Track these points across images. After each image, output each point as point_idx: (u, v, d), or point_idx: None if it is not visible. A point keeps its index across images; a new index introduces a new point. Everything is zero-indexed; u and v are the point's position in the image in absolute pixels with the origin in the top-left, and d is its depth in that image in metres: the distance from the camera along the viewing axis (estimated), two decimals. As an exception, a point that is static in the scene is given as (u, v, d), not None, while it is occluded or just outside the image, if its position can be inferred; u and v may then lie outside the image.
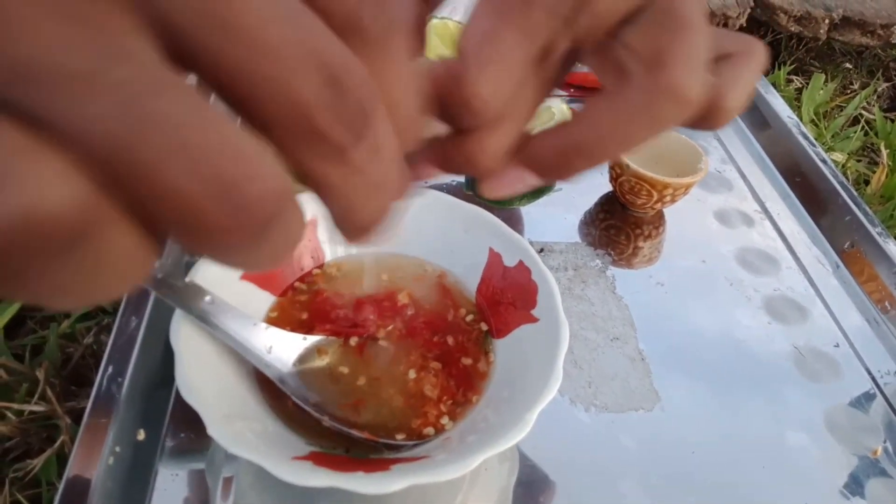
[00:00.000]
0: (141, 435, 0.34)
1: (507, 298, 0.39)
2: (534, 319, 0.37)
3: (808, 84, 0.80)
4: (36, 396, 0.36)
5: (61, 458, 0.32)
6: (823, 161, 0.60)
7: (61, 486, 0.30)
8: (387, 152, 0.13)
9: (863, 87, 0.86)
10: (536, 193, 0.53)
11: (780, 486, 0.39)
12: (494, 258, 0.40)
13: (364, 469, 0.29)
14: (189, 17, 0.10)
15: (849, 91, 0.86)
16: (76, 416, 0.32)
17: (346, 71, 0.11)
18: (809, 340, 0.47)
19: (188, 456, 0.35)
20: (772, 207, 0.59)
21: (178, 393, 0.38)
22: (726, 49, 0.20)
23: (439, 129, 0.19)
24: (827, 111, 0.80)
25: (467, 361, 0.38)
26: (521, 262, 0.39)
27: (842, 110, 0.81)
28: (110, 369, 0.35)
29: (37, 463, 0.34)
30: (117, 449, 0.32)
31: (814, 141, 0.63)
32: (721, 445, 0.40)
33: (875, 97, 0.85)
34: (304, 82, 0.11)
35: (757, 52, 0.21)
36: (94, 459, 0.31)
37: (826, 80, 0.82)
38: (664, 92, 0.17)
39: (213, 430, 0.28)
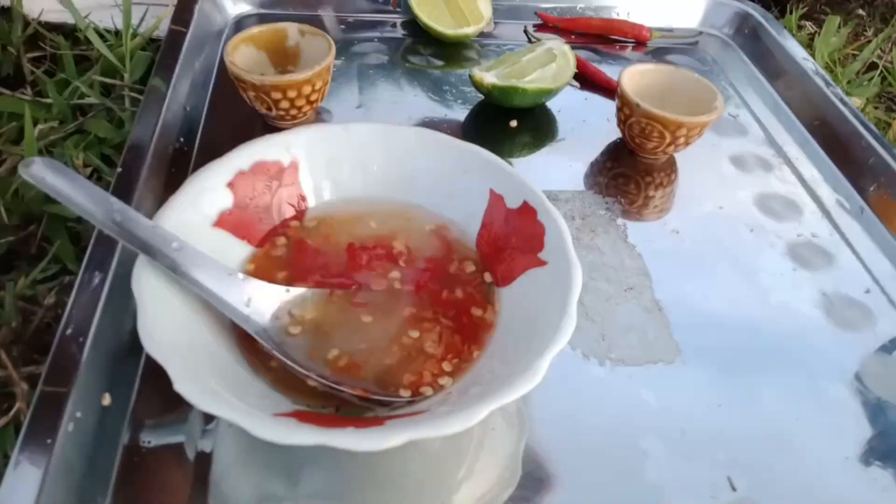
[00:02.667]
0: (106, 400, 0.31)
1: (511, 243, 0.36)
2: (541, 263, 0.33)
3: (820, 30, 0.76)
4: (-10, 361, 0.32)
5: (19, 428, 0.29)
6: (844, 103, 0.56)
7: (14, 454, 0.27)
8: None
9: (876, 34, 0.82)
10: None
11: (815, 438, 0.35)
12: (496, 201, 0.37)
13: (355, 425, 0.26)
14: None
15: (862, 38, 0.81)
16: (35, 383, 0.29)
17: None
18: (838, 287, 0.44)
19: (161, 425, 0.32)
20: (790, 152, 0.55)
21: (148, 356, 0.34)
22: None
23: None
24: (841, 58, 0.76)
25: (470, 314, 0.34)
26: (525, 203, 0.35)
27: (856, 57, 0.77)
28: (70, 328, 0.31)
29: (-10, 432, 0.30)
30: (78, 414, 0.29)
31: (832, 82, 0.59)
32: (750, 399, 0.37)
33: (890, 44, 0.81)
34: None
35: None
36: (53, 426, 0.28)
37: (839, 26, 0.77)
38: None
39: (180, 385, 0.25)
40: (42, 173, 0.28)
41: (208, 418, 0.32)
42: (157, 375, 0.33)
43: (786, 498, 0.33)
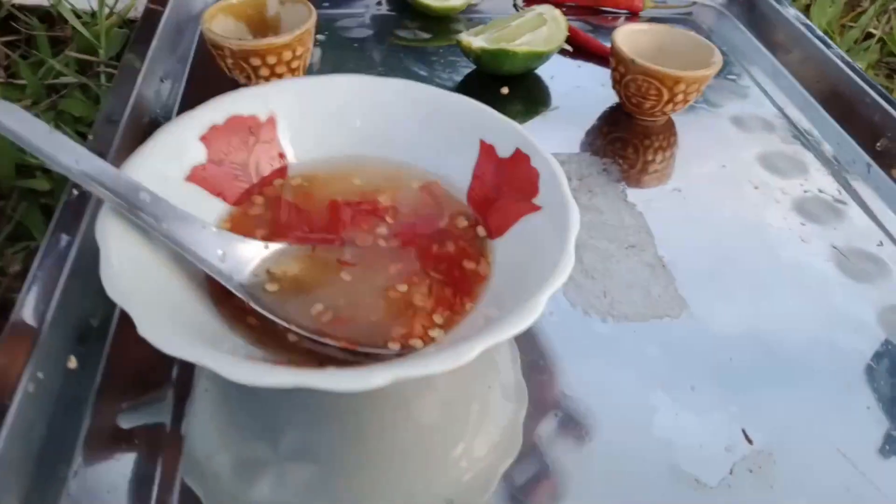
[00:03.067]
0: (72, 363, 0.29)
1: (503, 193, 0.34)
2: (536, 208, 0.31)
3: (814, 0, 0.75)
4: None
5: (-19, 398, 0.26)
6: (845, 62, 0.55)
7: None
8: None
9: (872, 4, 0.80)
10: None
11: (835, 392, 0.33)
12: (487, 151, 0.35)
13: (337, 366, 0.23)
14: None
15: (858, 9, 0.80)
16: None
17: None
18: (850, 241, 0.42)
19: (132, 390, 0.30)
20: (792, 114, 0.53)
21: (120, 322, 0.32)
22: None
23: None
24: (838, 28, 0.75)
25: (462, 268, 0.32)
26: (517, 151, 0.33)
27: (852, 28, 0.75)
28: (34, 289, 0.29)
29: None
30: (40, 375, 0.27)
31: (831, 43, 0.57)
32: (762, 351, 0.34)
33: (887, 14, 0.79)
34: None
35: None
36: (10, 386, 0.26)
37: (834, -3, 0.76)
38: None
39: (145, 329, 0.23)
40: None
41: (182, 385, 0.30)
42: (127, 342, 0.31)
43: (804, 450, 0.30)
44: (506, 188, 0.34)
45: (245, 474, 0.27)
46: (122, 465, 0.27)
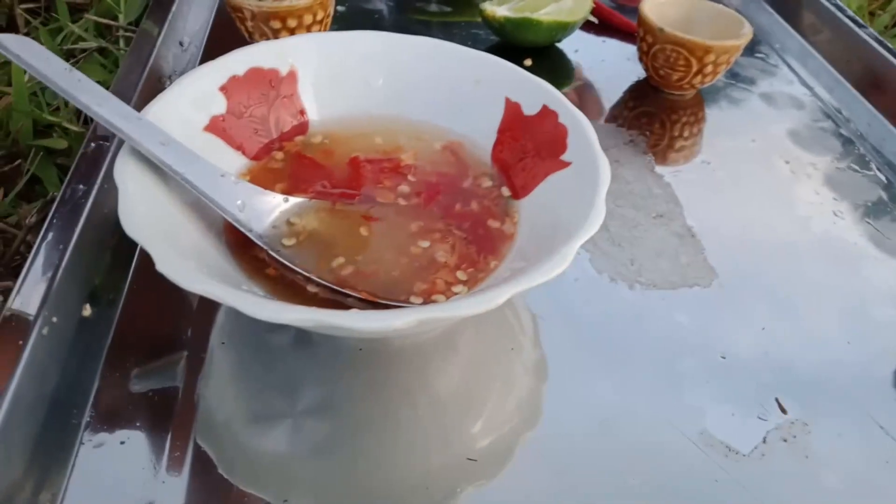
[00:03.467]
0: (87, 311, 0.28)
1: (529, 151, 0.33)
2: (565, 165, 0.30)
3: (844, -14, 0.73)
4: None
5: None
6: (877, 40, 0.53)
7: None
8: None
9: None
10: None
11: (868, 363, 0.32)
12: (512, 109, 0.34)
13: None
14: None
15: (887, -2, 0.78)
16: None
17: None
18: (884, 217, 0.40)
19: (147, 341, 0.29)
20: (821, 93, 0.52)
21: (135, 274, 0.31)
22: None
23: None
24: (867, 13, 0.73)
25: (486, 226, 0.31)
26: (544, 108, 0.32)
27: (882, 15, 0.73)
28: (50, 236, 0.29)
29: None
30: (54, 319, 0.26)
31: (862, 22, 0.56)
32: (795, 322, 0.33)
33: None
34: None
35: None
36: (24, 329, 0.25)
37: (864, -18, 0.74)
38: None
39: (164, 265, 0.22)
40: (17, 49, 0.25)
41: (196, 339, 0.29)
42: (143, 290, 0.31)
43: (840, 420, 0.29)
44: (532, 146, 0.33)
45: (259, 429, 0.27)
46: (136, 417, 0.26)
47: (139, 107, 0.28)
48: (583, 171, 0.29)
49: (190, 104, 0.30)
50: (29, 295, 0.26)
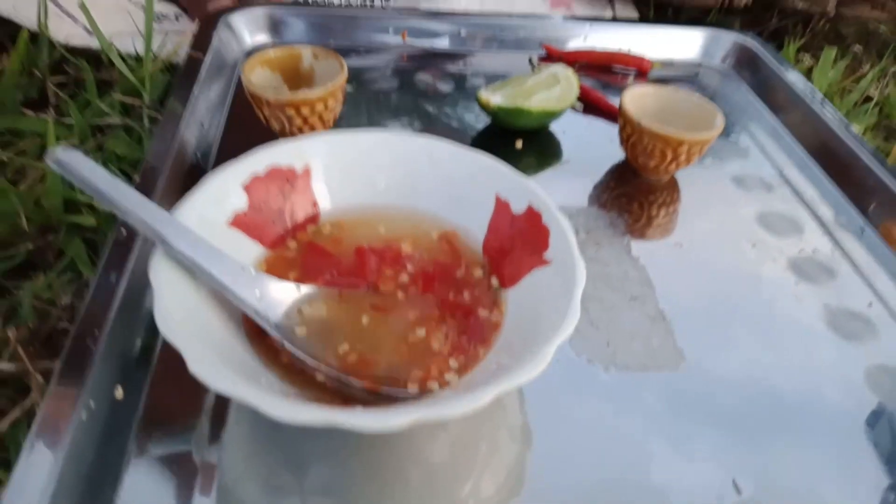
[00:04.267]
0: (119, 393, 0.31)
1: (516, 246, 0.36)
2: (546, 262, 0.34)
3: (817, 63, 0.78)
4: (7, 356, 0.33)
5: (33, 420, 0.29)
6: (843, 125, 0.58)
7: (29, 437, 0.27)
8: None
9: (872, 69, 0.84)
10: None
11: (823, 446, 0.35)
12: (501, 206, 0.38)
13: (364, 405, 0.26)
14: None
15: (858, 72, 0.84)
16: (51, 379, 0.29)
17: None
18: (841, 300, 0.44)
19: (171, 419, 0.32)
20: (790, 174, 0.56)
21: (161, 354, 0.35)
22: None
23: None
24: (839, 91, 0.78)
25: (477, 315, 0.34)
26: (530, 208, 0.36)
27: (852, 91, 0.79)
28: (87, 322, 0.32)
29: (4, 423, 0.31)
30: (91, 404, 0.29)
31: (832, 106, 0.60)
32: (755, 405, 0.37)
33: (886, 78, 0.83)
34: None
35: None
36: (66, 414, 0.28)
37: (836, 59, 0.80)
38: None
39: (195, 367, 0.25)
40: (67, 160, 0.29)
41: (217, 414, 0.32)
42: (168, 372, 0.34)
43: (791, 499, 0.33)
44: (518, 241, 0.36)
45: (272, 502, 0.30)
46: (162, 490, 0.29)
47: (167, 189, 0.32)
48: (561, 272, 0.33)
49: (215, 202, 0.34)
50: (68, 383, 0.29)
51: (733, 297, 0.43)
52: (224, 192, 0.35)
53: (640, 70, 0.68)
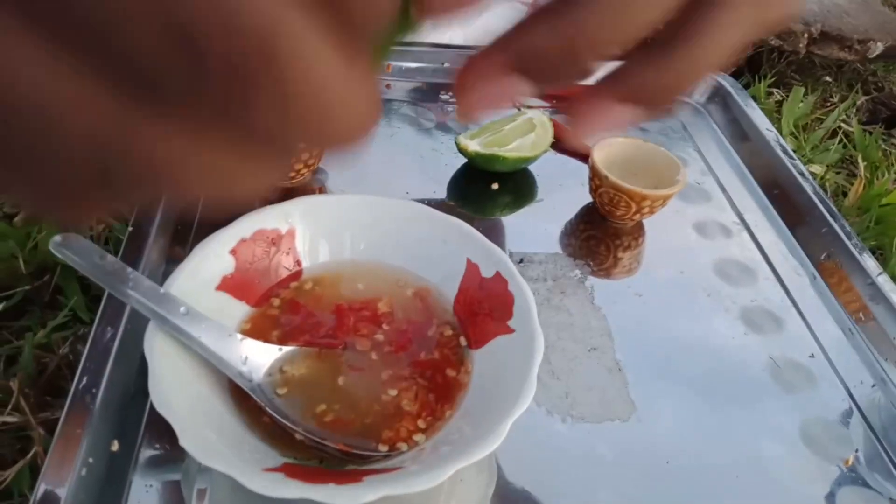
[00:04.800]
0: (115, 446, 0.34)
1: (484, 309, 0.40)
2: (510, 330, 0.37)
3: (788, 97, 0.81)
4: (9, 407, 0.36)
5: (34, 470, 0.32)
6: (801, 174, 0.61)
7: (33, 498, 0.30)
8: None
9: (842, 101, 0.87)
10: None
11: (754, 496, 0.39)
12: (472, 269, 0.41)
13: (336, 481, 0.29)
14: None
15: (828, 104, 0.87)
16: (50, 428, 0.32)
17: None
18: (785, 351, 0.48)
19: (163, 467, 0.35)
20: (750, 219, 0.60)
21: (152, 404, 0.38)
22: None
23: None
24: (807, 123, 0.81)
25: (445, 375, 0.38)
26: (497, 273, 0.39)
27: (821, 123, 0.82)
28: (85, 380, 0.35)
29: (9, 474, 0.34)
30: (90, 460, 0.32)
31: (792, 154, 0.64)
32: (696, 455, 0.40)
33: (854, 110, 0.86)
34: None
35: None
36: (67, 470, 0.31)
37: (806, 93, 0.83)
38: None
39: (185, 441, 0.28)
40: (69, 249, 0.32)
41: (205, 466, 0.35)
42: (158, 423, 0.37)
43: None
44: (486, 304, 0.40)
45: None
46: (152, 537, 0.32)
47: (158, 235, 0.34)
48: (523, 343, 0.36)
49: (205, 270, 0.37)
50: (68, 440, 0.32)
51: (685, 348, 0.47)
52: (213, 259, 0.37)
53: (616, 106, 0.70)
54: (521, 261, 0.51)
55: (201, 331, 0.34)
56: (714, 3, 0.16)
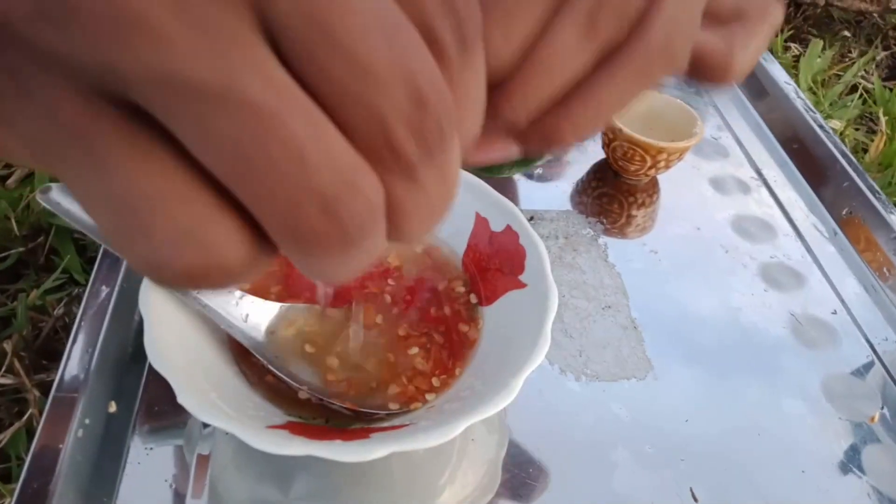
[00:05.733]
0: (112, 407, 0.33)
1: (494, 264, 0.38)
2: (521, 285, 0.36)
3: (805, 52, 0.79)
4: (3, 369, 0.35)
5: (31, 432, 0.31)
6: (821, 127, 0.59)
7: (28, 459, 0.29)
8: (452, 172, 0.13)
9: (861, 55, 0.84)
10: (526, 162, 0.51)
11: (776, 454, 0.38)
12: (481, 223, 0.39)
13: (342, 438, 0.28)
14: (293, 21, 0.10)
15: (847, 59, 0.84)
16: (46, 390, 0.31)
17: (433, 89, 0.12)
18: (807, 308, 0.46)
19: (163, 430, 0.34)
20: (768, 174, 0.57)
21: (151, 366, 0.36)
22: (742, 8, 0.21)
23: None
24: (825, 79, 0.78)
25: (457, 331, 0.36)
26: (508, 227, 0.38)
27: (839, 78, 0.79)
28: (80, 340, 0.34)
29: (4, 436, 0.33)
30: (87, 421, 0.31)
31: (812, 107, 0.61)
32: (716, 414, 0.39)
33: (874, 65, 0.83)
34: (392, 99, 0.11)
35: (772, 14, 0.22)
36: (63, 432, 0.30)
37: (824, 48, 0.80)
38: (647, 50, 0.17)
39: (183, 398, 0.27)
40: (58, 199, 0.30)
41: (207, 425, 0.34)
42: (158, 383, 0.36)
43: (744, 509, 0.35)
44: (497, 260, 0.38)
45: (258, 510, 0.32)
46: (157, 499, 0.31)
47: None
48: (536, 297, 0.34)
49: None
50: (63, 403, 0.31)
51: (702, 305, 0.45)
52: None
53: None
54: (532, 218, 0.49)
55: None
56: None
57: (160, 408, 0.35)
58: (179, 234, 0.11)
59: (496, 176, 0.52)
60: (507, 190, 0.53)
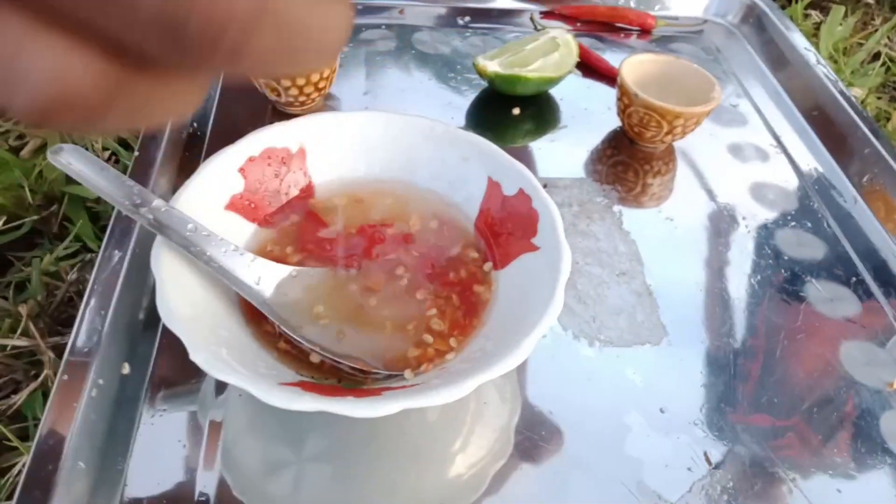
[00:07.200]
0: (126, 369, 0.33)
1: (506, 228, 0.37)
2: (534, 248, 0.35)
3: (826, 19, 0.77)
4: (19, 332, 0.35)
5: (46, 394, 0.31)
6: (842, 94, 0.57)
7: (43, 419, 0.29)
8: None
9: (884, 23, 0.82)
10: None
11: (787, 422, 0.37)
12: (493, 187, 0.38)
13: (354, 395, 0.28)
14: None
15: (870, 27, 0.82)
16: (61, 352, 0.31)
17: None
18: (828, 275, 0.45)
19: (176, 392, 0.34)
20: (787, 141, 0.56)
21: (165, 329, 0.37)
22: None
23: None
24: (846, 47, 0.76)
25: (472, 291, 0.36)
26: (521, 191, 0.37)
27: (861, 46, 0.77)
28: (93, 302, 0.34)
29: (20, 398, 0.33)
30: (101, 382, 0.31)
31: (832, 74, 0.60)
32: (729, 380, 0.38)
33: (897, 32, 0.81)
34: None
35: None
36: (77, 392, 0.30)
37: (846, 15, 0.78)
38: None
39: (196, 355, 0.27)
40: (69, 159, 0.30)
41: (220, 388, 0.34)
42: (172, 348, 0.36)
43: (760, 478, 0.35)
44: (509, 223, 0.37)
45: (271, 469, 0.32)
46: (170, 459, 0.31)
47: (165, 159, 0.32)
48: (548, 259, 0.34)
49: (212, 188, 0.35)
50: (78, 363, 0.31)
51: (719, 272, 0.45)
52: (220, 177, 0.35)
53: (644, 28, 0.66)
54: (545, 186, 0.49)
55: (211, 248, 0.32)
56: None
57: (173, 372, 0.35)
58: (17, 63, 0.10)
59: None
60: (519, 158, 0.52)
